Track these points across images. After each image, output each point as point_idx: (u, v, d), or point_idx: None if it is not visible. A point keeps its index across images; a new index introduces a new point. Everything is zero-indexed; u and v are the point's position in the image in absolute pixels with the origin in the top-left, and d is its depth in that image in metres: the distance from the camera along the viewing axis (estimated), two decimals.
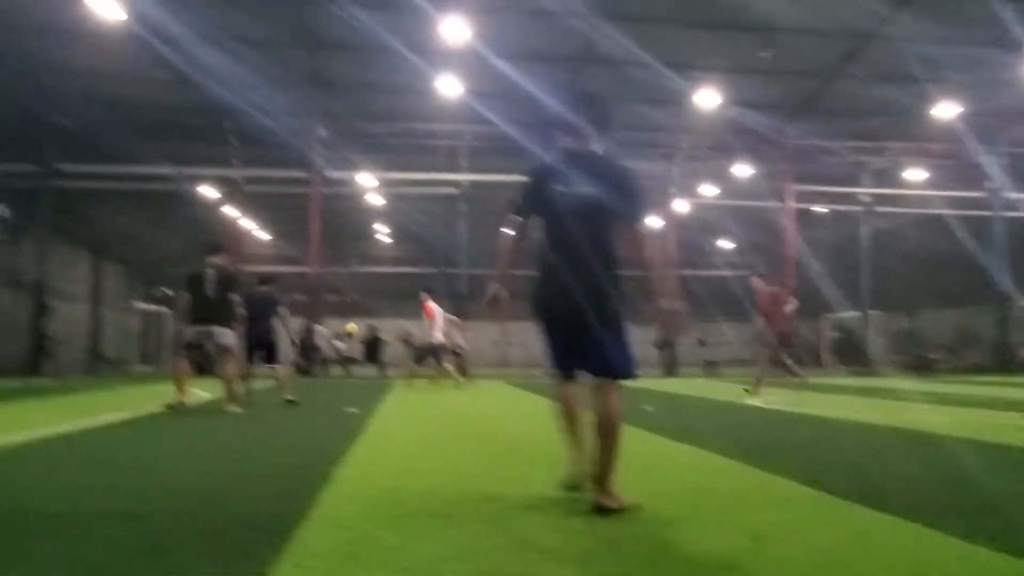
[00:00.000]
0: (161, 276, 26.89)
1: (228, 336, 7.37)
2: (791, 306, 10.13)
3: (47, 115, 17.94)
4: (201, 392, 8.90)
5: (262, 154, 19.76)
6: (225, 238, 22.90)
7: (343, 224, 26.70)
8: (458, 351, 14.61)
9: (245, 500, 3.06)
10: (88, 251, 24.52)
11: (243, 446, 5.04)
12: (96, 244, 24.70)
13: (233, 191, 21.74)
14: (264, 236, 28.99)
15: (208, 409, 7.63)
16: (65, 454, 4.54)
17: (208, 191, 22.33)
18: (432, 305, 12.61)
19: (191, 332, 7.29)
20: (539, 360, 3.59)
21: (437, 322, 12.48)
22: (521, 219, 3.00)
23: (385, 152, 20.86)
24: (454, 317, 14.18)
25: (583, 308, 2.72)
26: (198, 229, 26.83)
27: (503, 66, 16.15)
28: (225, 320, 7.34)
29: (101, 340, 24.75)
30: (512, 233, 3.02)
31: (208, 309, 7.24)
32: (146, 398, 8.90)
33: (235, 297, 7.50)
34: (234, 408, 7.20)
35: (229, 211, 23.10)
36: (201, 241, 25.23)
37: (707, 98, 18.39)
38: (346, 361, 23.45)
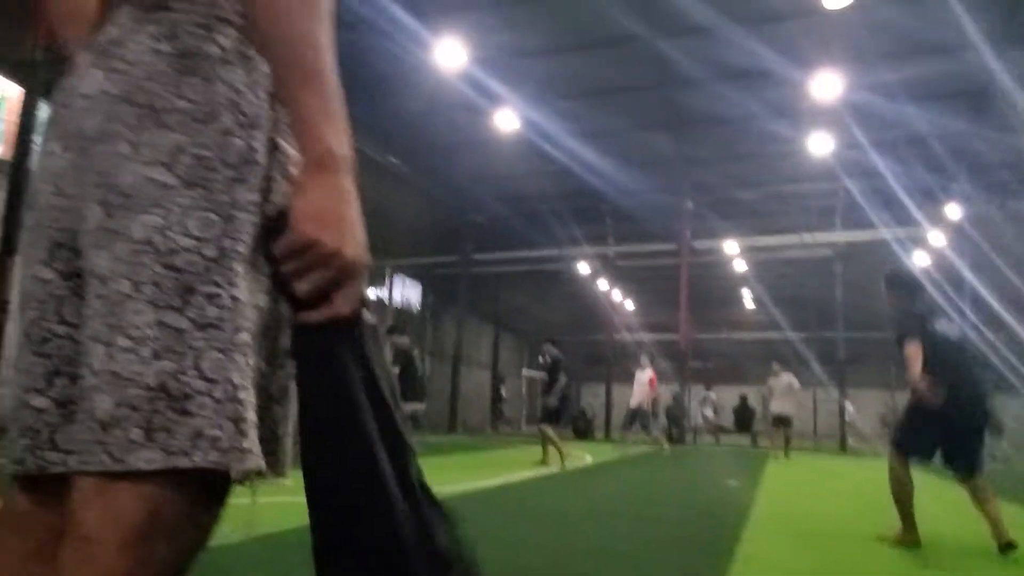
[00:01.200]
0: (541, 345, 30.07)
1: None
2: None
3: (465, 214, 21.91)
4: (585, 455, 9.70)
5: (633, 229, 21.09)
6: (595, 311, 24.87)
7: (710, 290, 26.80)
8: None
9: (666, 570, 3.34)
10: (490, 324, 28.52)
11: (638, 509, 5.41)
12: (497, 318, 28.63)
13: (606, 266, 23.52)
14: (632, 306, 30.47)
15: (589, 469, 8.31)
16: (495, 505, 5.40)
17: (584, 267, 24.52)
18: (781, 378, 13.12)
19: (553, 399, 8.27)
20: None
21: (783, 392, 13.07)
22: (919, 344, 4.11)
23: (753, 217, 20.65)
24: (795, 383, 13.76)
25: (980, 420, 4.17)
26: (575, 302, 29.51)
27: (881, 113, 15.03)
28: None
29: (499, 402, 28.37)
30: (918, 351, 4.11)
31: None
32: (534, 457, 9.98)
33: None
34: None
35: (601, 284, 24.96)
36: (576, 313, 27.11)
37: None
38: (716, 429, 23.18)
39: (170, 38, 0.81)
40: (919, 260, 21.46)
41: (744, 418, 22.51)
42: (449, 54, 13.62)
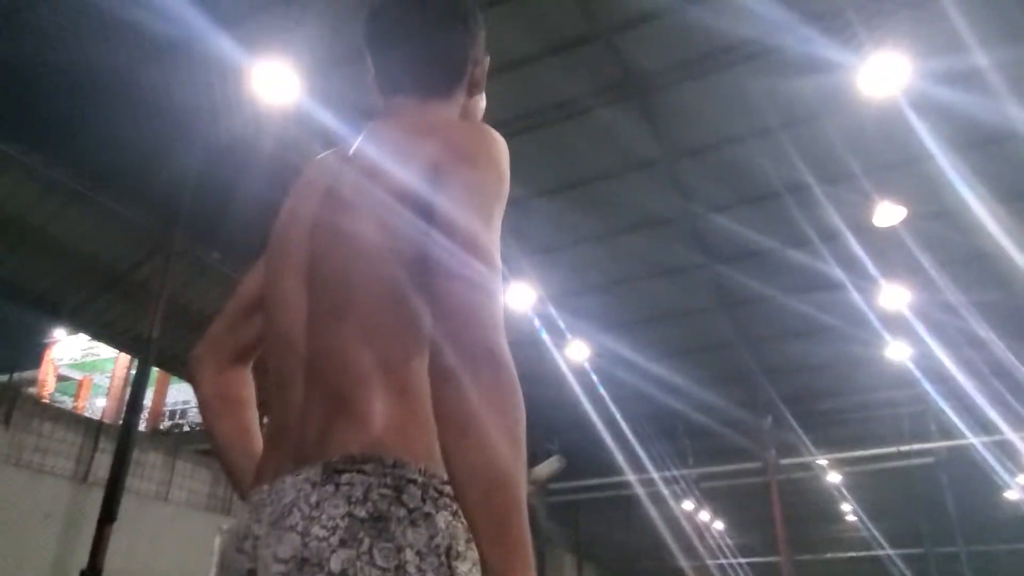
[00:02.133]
0: (629, 572, 27.97)
1: None
2: None
3: (547, 443, 21.71)
4: None
5: (713, 446, 20.45)
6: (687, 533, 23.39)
7: (804, 508, 25.13)
8: None
9: None
10: (572, 554, 26.97)
11: None
12: (577, 547, 27.14)
13: (689, 487, 22.50)
14: (719, 526, 28.63)
15: None
16: None
17: (665, 489, 23.49)
18: None
19: None
20: None
21: None
22: None
23: (841, 428, 19.86)
24: None
25: None
26: (658, 526, 27.89)
27: (950, 321, 14.94)
28: None
29: None
30: None
31: None
32: None
33: None
34: None
35: (686, 506, 23.70)
36: (661, 537, 25.47)
37: None
38: None
39: (363, 502, 0.87)
40: None
41: None
42: (521, 296, 14.42)
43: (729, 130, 11.31)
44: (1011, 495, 23.26)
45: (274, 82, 8.58)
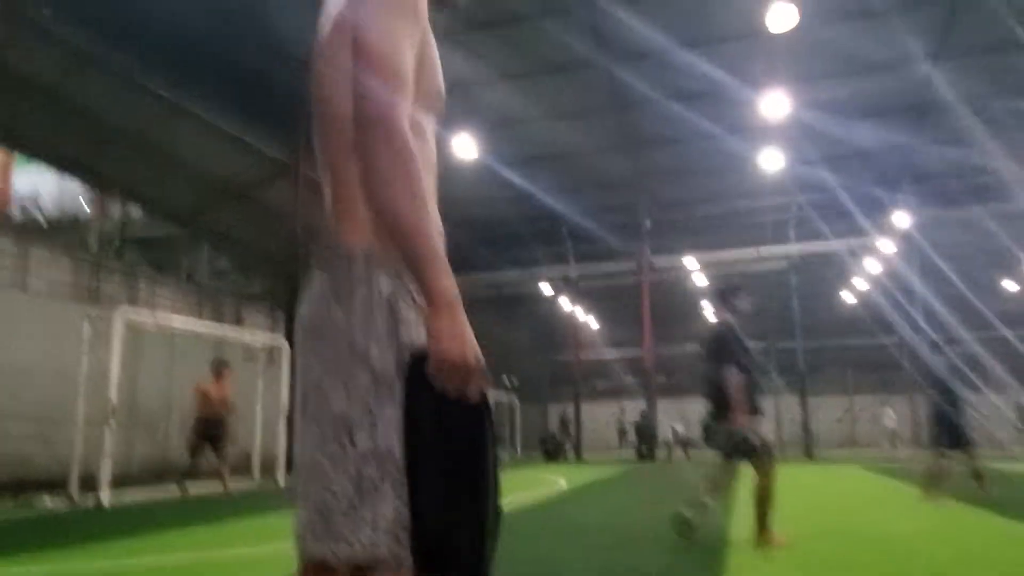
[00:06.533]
0: (509, 369, 29.91)
1: None
2: None
3: None
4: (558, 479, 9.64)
5: (593, 250, 21.28)
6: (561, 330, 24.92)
7: (671, 306, 27.14)
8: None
9: None
10: None
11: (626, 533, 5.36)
12: None
13: (568, 286, 23.63)
14: (596, 325, 30.67)
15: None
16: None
17: (546, 289, 24.58)
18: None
19: None
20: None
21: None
22: None
23: (710, 233, 21.06)
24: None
25: None
26: (539, 324, 29.55)
27: (828, 129, 15.56)
28: None
29: None
30: None
31: None
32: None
33: None
34: None
35: (565, 305, 25.06)
36: (541, 335, 27.14)
37: None
38: (685, 444, 23.38)
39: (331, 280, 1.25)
40: (871, 268, 22.14)
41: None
42: None
43: None
44: (846, 296, 26.13)
45: None
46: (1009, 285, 24.82)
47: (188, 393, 10.29)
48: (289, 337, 13.50)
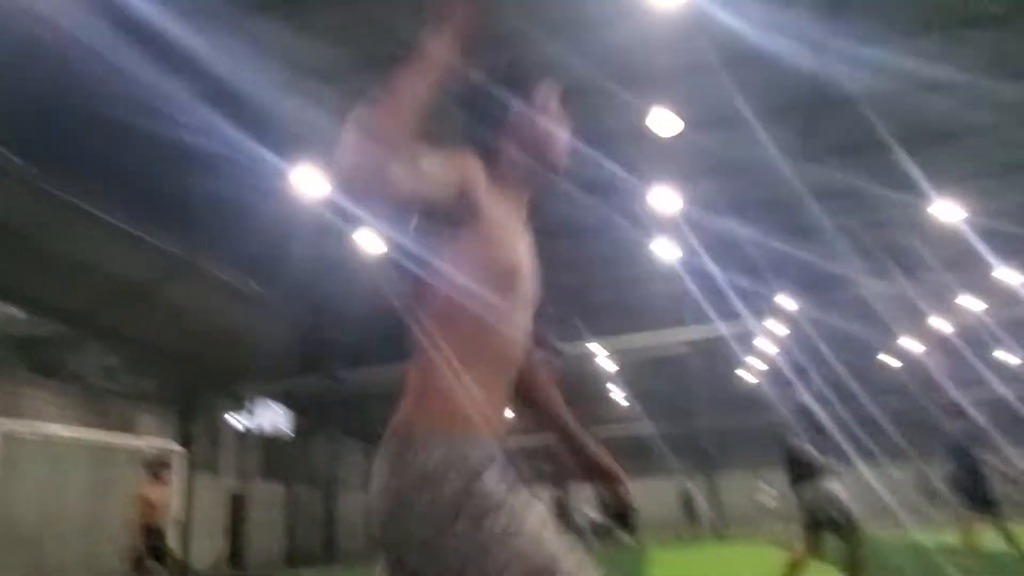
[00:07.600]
0: None
1: None
2: None
3: (328, 333, 21.38)
4: None
5: None
6: None
7: (580, 390, 27.51)
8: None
9: None
10: (363, 443, 27.55)
11: None
12: (369, 437, 27.72)
13: None
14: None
15: None
16: None
17: None
18: None
19: None
20: None
21: None
22: None
23: (613, 318, 21.73)
24: None
25: None
26: None
27: (711, 223, 16.69)
28: None
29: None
30: None
31: None
32: None
33: None
34: None
35: None
36: None
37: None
38: (601, 529, 23.25)
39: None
40: (766, 347, 23.31)
41: (623, 517, 23.00)
42: (306, 182, 13.75)
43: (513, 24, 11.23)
44: (743, 374, 27.25)
45: None
46: (887, 359, 26.61)
47: (82, 507, 9.58)
48: (183, 441, 12.85)
